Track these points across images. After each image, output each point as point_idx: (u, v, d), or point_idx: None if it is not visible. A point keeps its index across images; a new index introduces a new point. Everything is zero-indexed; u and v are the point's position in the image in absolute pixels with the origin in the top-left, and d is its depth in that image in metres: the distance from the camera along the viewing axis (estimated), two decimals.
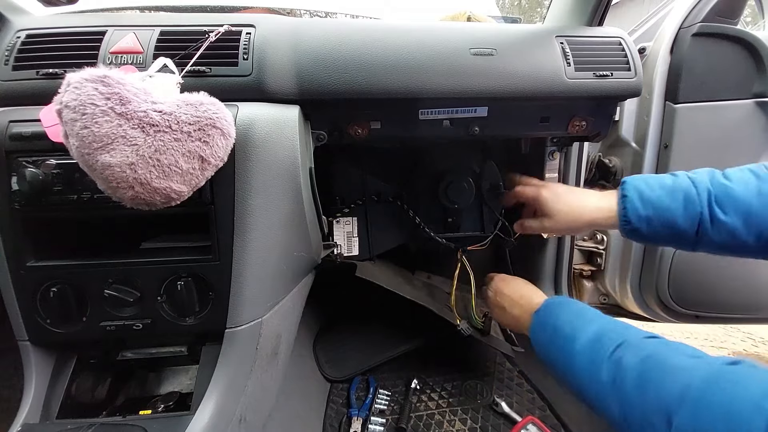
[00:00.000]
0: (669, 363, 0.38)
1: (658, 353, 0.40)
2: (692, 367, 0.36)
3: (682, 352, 0.39)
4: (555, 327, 0.54)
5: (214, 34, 0.51)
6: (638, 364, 0.40)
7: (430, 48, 0.57)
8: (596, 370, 0.43)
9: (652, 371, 0.38)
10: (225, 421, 0.48)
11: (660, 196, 0.54)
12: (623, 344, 0.43)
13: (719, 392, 0.32)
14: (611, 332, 0.46)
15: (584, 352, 0.47)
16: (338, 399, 0.87)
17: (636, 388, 0.39)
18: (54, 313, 0.48)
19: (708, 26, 0.81)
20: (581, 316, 0.52)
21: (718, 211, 0.50)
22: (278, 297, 0.57)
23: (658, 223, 0.54)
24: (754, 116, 0.83)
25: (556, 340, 0.52)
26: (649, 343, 0.42)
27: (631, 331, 0.46)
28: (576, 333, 0.49)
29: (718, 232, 0.51)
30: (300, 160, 0.53)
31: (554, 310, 0.57)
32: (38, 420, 0.48)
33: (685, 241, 0.54)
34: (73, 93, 0.36)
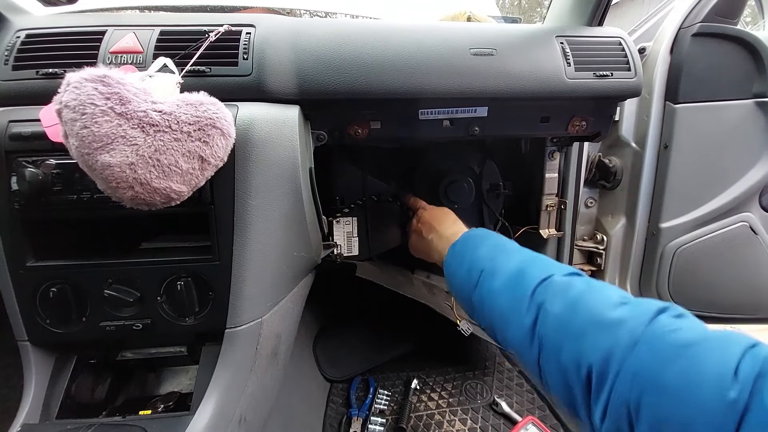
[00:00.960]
0: (596, 315, 0.34)
1: (584, 301, 0.36)
2: (621, 320, 0.33)
3: (608, 300, 0.35)
4: (473, 261, 0.49)
5: (214, 34, 0.51)
6: (563, 312, 0.36)
7: (430, 48, 0.57)
8: (517, 311, 0.40)
9: (576, 323, 0.35)
10: (225, 421, 0.48)
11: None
12: (547, 281, 0.40)
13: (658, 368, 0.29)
14: (533, 267, 0.43)
15: (505, 290, 0.43)
16: (338, 399, 0.87)
17: (556, 339, 0.36)
18: (54, 314, 0.48)
19: (708, 26, 0.81)
20: (501, 249, 0.48)
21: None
22: (278, 297, 0.57)
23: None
24: (754, 116, 0.84)
25: (472, 275, 0.47)
26: (574, 285, 0.38)
27: (555, 267, 0.42)
28: (496, 267, 0.45)
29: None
30: (300, 160, 0.53)
31: (472, 242, 0.53)
32: (38, 420, 0.47)
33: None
34: (73, 93, 0.36)
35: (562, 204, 0.86)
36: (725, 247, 0.88)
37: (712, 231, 0.87)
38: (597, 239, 0.97)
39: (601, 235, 0.96)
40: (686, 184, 0.86)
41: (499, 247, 0.49)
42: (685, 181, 0.86)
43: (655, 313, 0.32)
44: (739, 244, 0.88)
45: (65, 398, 0.50)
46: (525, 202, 0.90)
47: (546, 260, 0.45)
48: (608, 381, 0.31)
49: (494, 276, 0.45)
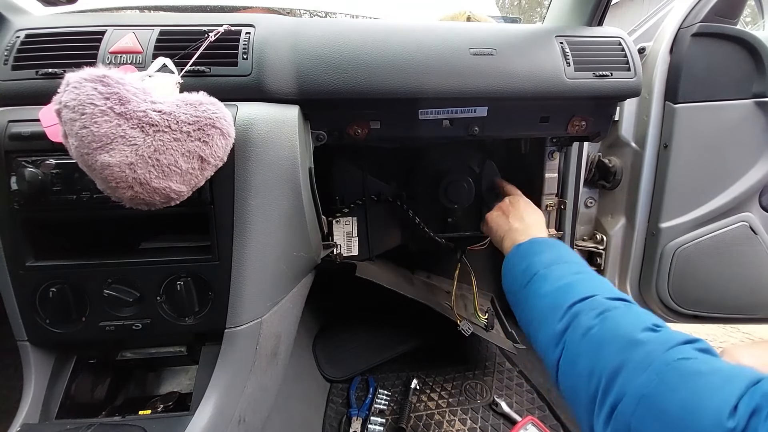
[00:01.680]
0: (621, 333, 0.36)
1: (616, 319, 0.38)
2: (642, 342, 0.34)
3: (639, 322, 0.36)
4: (531, 263, 0.52)
5: (213, 33, 0.51)
6: (592, 326, 0.38)
7: (430, 48, 0.57)
8: (552, 315, 0.42)
9: (601, 335, 0.37)
10: (224, 421, 0.48)
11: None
12: (590, 299, 0.42)
13: (662, 394, 0.30)
14: (582, 284, 0.45)
15: (549, 295, 0.45)
16: (338, 399, 0.87)
17: (578, 346, 0.38)
18: (53, 314, 0.48)
19: (708, 26, 0.81)
20: (562, 261, 0.50)
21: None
22: (278, 297, 0.57)
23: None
24: (754, 116, 0.83)
25: (527, 274, 0.50)
26: (614, 307, 0.40)
27: (604, 289, 0.44)
28: (549, 275, 0.48)
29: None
30: (300, 160, 0.53)
31: (538, 246, 0.55)
32: (37, 420, 0.47)
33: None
34: (72, 93, 0.36)
35: (562, 204, 0.86)
36: (725, 247, 0.88)
37: (711, 231, 0.87)
38: (597, 239, 0.97)
39: (600, 235, 0.96)
40: (686, 184, 0.86)
41: (560, 258, 0.51)
42: (684, 181, 0.86)
43: (679, 342, 0.33)
44: (739, 244, 0.88)
45: (65, 398, 0.50)
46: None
47: (599, 281, 0.47)
48: (612, 395, 0.32)
49: (545, 281, 0.47)
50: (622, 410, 0.31)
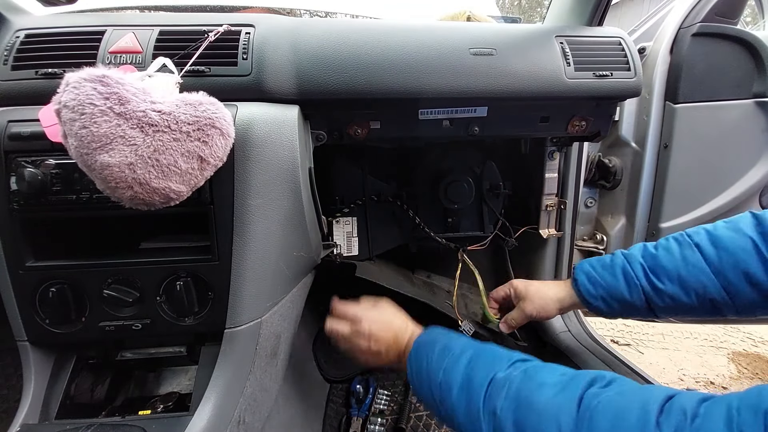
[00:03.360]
0: (537, 407, 0.37)
1: (525, 396, 0.39)
2: (558, 406, 0.36)
3: (545, 384, 0.38)
4: (428, 373, 0.49)
5: (213, 33, 0.50)
6: (512, 414, 0.39)
7: (430, 48, 0.57)
8: (476, 423, 0.42)
9: (526, 421, 0.37)
10: (224, 422, 0.48)
11: (603, 275, 0.58)
12: (492, 384, 0.42)
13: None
14: (477, 369, 0.45)
15: (460, 402, 0.44)
16: (338, 399, 0.87)
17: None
18: (53, 314, 0.48)
19: (708, 26, 0.81)
20: (448, 354, 0.49)
21: (656, 281, 0.54)
22: (278, 297, 0.57)
23: (611, 299, 0.57)
24: (754, 116, 0.83)
25: (433, 389, 0.48)
26: (514, 379, 0.41)
27: (497, 362, 0.44)
28: (448, 378, 0.46)
29: (662, 300, 0.54)
30: (299, 160, 0.53)
31: (423, 351, 0.52)
32: (37, 420, 0.47)
33: (642, 312, 0.56)
34: (72, 93, 0.36)
35: (562, 204, 0.86)
36: None
37: None
38: (597, 239, 0.96)
39: (600, 235, 0.96)
40: (686, 184, 0.86)
41: (446, 351, 0.49)
42: (685, 181, 0.86)
43: (584, 388, 0.36)
44: None
45: (65, 398, 0.50)
46: (525, 202, 0.90)
47: (489, 353, 0.47)
48: None
49: (449, 387, 0.46)
50: None
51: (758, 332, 1.72)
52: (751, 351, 1.61)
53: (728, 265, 0.49)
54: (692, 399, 0.30)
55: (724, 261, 0.50)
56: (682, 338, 1.68)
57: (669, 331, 1.72)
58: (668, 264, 0.53)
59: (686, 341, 1.67)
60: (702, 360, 1.54)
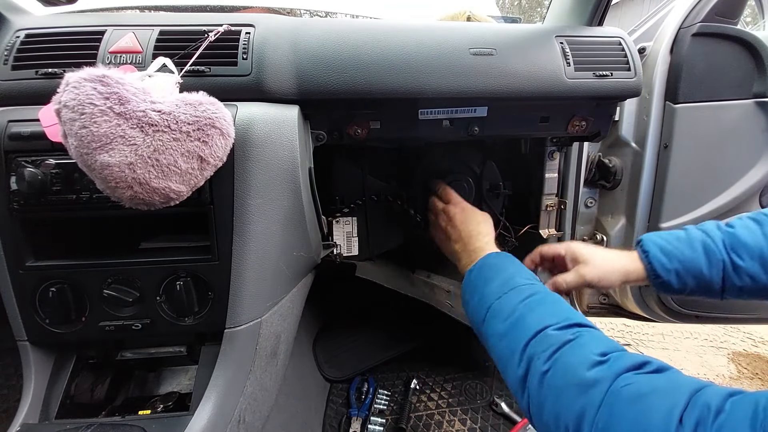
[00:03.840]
0: (573, 375, 0.37)
1: (566, 360, 0.38)
2: (595, 381, 0.35)
3: (587, 359, 0.37)
4: (482, 295, 0.51)
5: (213, 33, 0.51)
6: (547, 370, 0.39)
7: (430, 48, 0.57)
8: (510, 360, 0.43)
9: (557, 381, 0.37)
10: (224, 421, 0.48)
11: (680, 248, 0.55)
12: (540, 335, 0.42)
13: (614, 424, 0.32)
14: (531, 314, 0.45)
15: (503, 336, 0.45)
16: (338, 399, 0.87)
17: (541, 394, 0.39)
18: (53, 313, 0.48)
19: (708, 26, 0.81)
20: (510, 286, 0.49)
21: (736, 258, 0.52)
22: (278, 297, 0.57)
23: (686, 274, 0.54)
24: (754, 116, 0.83)
25: (480, 310, 0.50)
26: (563, 341, 0.40)
27: (554, 316, 0.44)
28: (501, 308, 0.48)
29: (740, 278, 0.52)
30: (299, 160, 0.53)
31: (485, 273, 0.54)
32: (37, 420, 0.47)
33: (713, 290, 0.54)
34: (72, 93, 0.36)
35: (562, 204, 0.85)
36: None
37: None
38: (597, 239, 0.96)
39: (601, 235, 0.96)
40: (686, 184, 0.86)
41: (508, 283, 0.50)
42: (685, 181, 0.86)
43: (624, 370, 0.35)
44: None
45: (65, 398, 0.50)
46: (525, 201, 0.90)
47: (550, 304, 0.47)
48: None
49: (497, 317, 0.47)
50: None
51: (758, 332, 1.72)
52: (751, 351, 1.61)
53: None
54: (719, 394, 0.29)
55: None
56: (682, 338, 1.68)
57: (669, 331, 1.72)
58: (750, 241, 0.51)
59: (686, 341, 1.67)
60: (702, 360, 1.54)
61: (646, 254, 0.57)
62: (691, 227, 0.57)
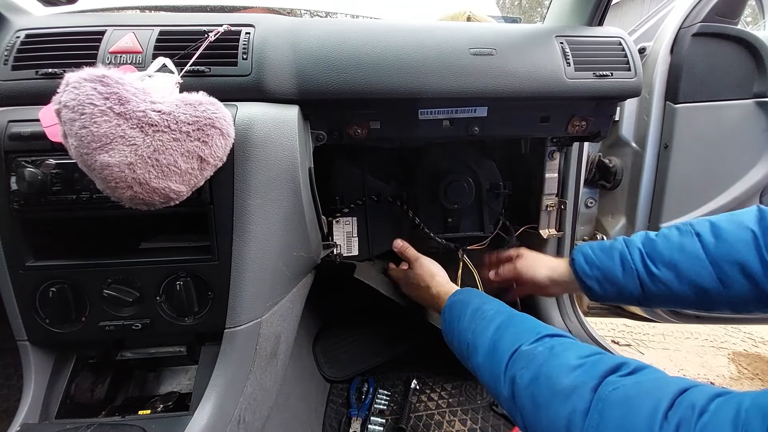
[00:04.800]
0: (554, 385, 0.38)
1: (545, 372, 0.39)
2: (574, 387, 0.36)
3: (565, 366, 0.39)
4: (459, 332, 0.54)
5: (213, 33, 0.51)
6: (529, 385, 0.40)
7: (430, 48, 0.57)
8: (497, 385, 0.44)
9: (541, 395, 0.38)
10: (224, 421, 0.48)
11: (599, 256, 0.59)
12: (516, 355, 0.44)
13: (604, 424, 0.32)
14: (504, 337, 0.47)
15: (485, 366, 0.48)
16: (338, 399, 0.87)
17: (531, 410, 0.39)
18: (53, 313, 0.48)
19: (708, 26, 0.81)
20: (480, 318, 0.52)
21: (652, 266, 0.55)
22: (277, 297, 0.57)
23: (605, 281, 0.58)
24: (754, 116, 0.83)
25: (462, 347, 0.53)
26: (538, 355, 0.42)
27: (524, 334, 0.46)
28: (476, 341, 0.50)
29: (656, 286, 0.54)
30: (299, 160, 0.53)
31: (457, 310, 0.57)
32: (37, 420, 0.47)
33: (632, 297, 0.57)
34: (72, 93, 0.36)
35: (562, 204, 0.85)
36: None
37: None
38: (597, 239, 0.96)
39: (601, 235, 0.96)
40: (686, 184, 0.86)
41: (477, 314, 0.53)
42: (685, 181, 0.86)
43: (605, 374, 0.36)
44: None
45: (65, 398, 0.50)
46: (525, 201, 0.90)
47: (518, 323, 0.49)
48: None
49: (476, 350, 0.50)
50: None
51: (759, 332, 1.71)
52: (752, 351, 1.61)
53: (725, 256, 0.50)
54: (705, 394, 0.30)
55: (721, 251, 0.50)
56: (682, 338, 1.68)
57: (669, 332, 1.72)
58: (665, 250, 0.54)
59: (687, 341, 1.67)
60: (702, 360, 1.54)
61: (572, 261, 0.62)
62: (619, 238, 0.61)
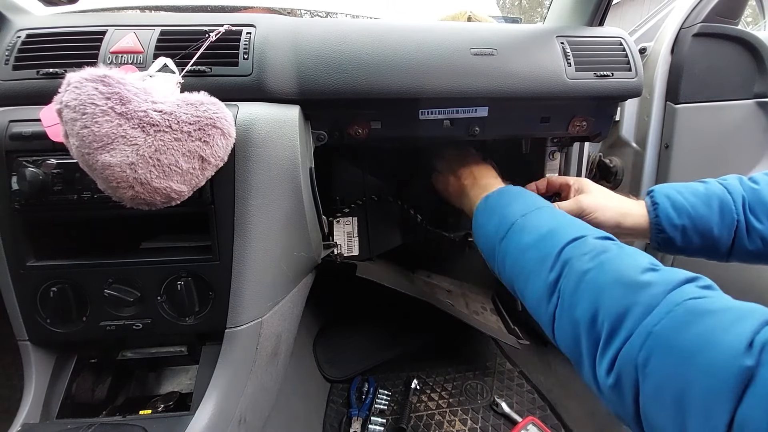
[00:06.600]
0: (622, 276, 0.33)
1: (613, 263, 0.35)
2: (647, 284, 0.31)
3: (637, 264, 0.34)
4: (504, 215, 0.48)
5: (214, 33, 0.51)
6: (590, 270, 0.35)
7: (431, 48, 0.57)
8: (541, 266, 0.39)
9: (601, 281, 0.34)
10: (225, 421, 0.48)
11: (694, 204, 0.50)
12: (579, 241, 0.39)
13: (672, 330, 0.28)
14: (566, 227, 0.42)
15: (532, 246, 0.42)
16: (338, 399, 0.87)
17: (574, 294, 0.35)
18: (54, 313, 0.48)
19: (709, 26, 0.81)
20: (537, 207, 0.46)
21: (753, 219, 0.48)
22: (278, 297, 0.57)
23: (694, 232, 0.50)
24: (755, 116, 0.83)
25: (501, 228, 0.46)
26: (609, 248, 0.37)
27: (590, 229, 0.41)
28: (527, 224, 0.44)
29: (752, 241, 0.48)
30: (300, 160, 0.53)
31: (507, 196, 0.51)
32: (38, 420, 0.47)
33: (719, 252, 0.50)
34: (73, 92, 0.36)
35: None
36: None
37: None
38: None
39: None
40: None
41: (534, 204, 0.47)
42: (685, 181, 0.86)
43: (682, 281, 0.31)
44: None
45: (65, 398, 0.50)
46: None
47: (581, 223, 0.43)
48: (619, 337, 0.30)
49: (523, 231, 0.44)
50: (628, 350, 0.29)
51: None
52: None
53: None
54: None
55: None
56: None
57: None
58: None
59: None
60: None
61: (654, 207, 0.52)
62: (712, 180, 0.52)
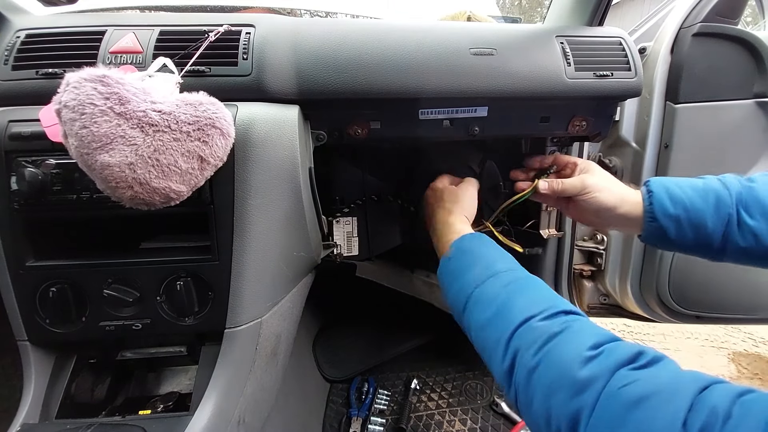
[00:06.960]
0: (566, 375, 0.34)
1: (556, 357, 0.35)
2: (586, 382, 0.32)
3: (578, 354, 0.34)
4: (463, 284, 0.48)
5: (213, 33, 0.51)
6: (537, 366, 0.36)
7: (430, 48, 0.57)
8: (495, 352, 0.40)
9: (548, 380, 0.35)
10: (224, 421, 0.48)
11: (691, 196, 0.50)
12: (525, 327, 0.39)
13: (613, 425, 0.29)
14: (515, 303, 0.42)
15: (486, 327, 0.43)
16: (338, 399, 0.87)
17: (526, 391, 0.36)
18: (53, 313, 0.48)
19: (708, 26, 0.81)
20: (491, 273, 0.47)
21: (745, 215, 0.48)
22: (278, 297, 0.57)
23: (688, 225, 0.50)
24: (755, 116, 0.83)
25: (461, 297, 0.47)
26: (548, 332, 0.37)
27: (538, 304, 0.41)
28: (482, 296, 0.45)
29: (744, 239, 0.48)
30: (300, 160, 0.53)
31: (466, 260, 0.51)
32: (37, 420, 0.47)
33: (712, 248, 0.51)
34: (72, 93, 0.36)
35: None
36: None
37: None
38: (597, 239, 0.96)
39: (601, 235, 0.96)
40: None
41: (489, 270, 0.48)
42: None
43: (619, 366, 0.32)
44: None
45: (65, 398, 0.50)
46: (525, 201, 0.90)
47: (531, 290, 0.45)
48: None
49: (478, 305, 0.45)
50: None
51: (759, 332, 1.71)
52: (752, 351, 1.61)
53: None
54: (728, 394, 0.26)
55: None
56: (682, 338, 1.68)
57: (670, 332, 1.72)
58: (766, 198, 0.47)
59: (687, 341, 1.67)
60: (702, 360, 1.54)
61: (649, 195, 0.52)
62: (710, 177, 0.52)
